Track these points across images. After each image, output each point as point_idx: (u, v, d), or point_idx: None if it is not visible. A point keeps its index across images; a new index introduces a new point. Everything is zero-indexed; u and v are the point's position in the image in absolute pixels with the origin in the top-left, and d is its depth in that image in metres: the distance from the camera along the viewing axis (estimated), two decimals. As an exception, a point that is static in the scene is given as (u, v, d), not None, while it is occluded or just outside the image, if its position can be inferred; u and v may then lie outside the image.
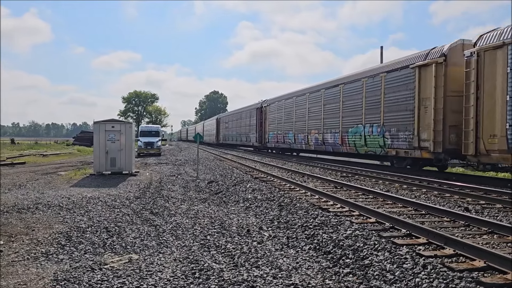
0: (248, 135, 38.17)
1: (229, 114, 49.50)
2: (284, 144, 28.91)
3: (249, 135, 37.48)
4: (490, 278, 4.17)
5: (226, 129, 50.03)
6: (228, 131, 49.11)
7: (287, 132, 27.84)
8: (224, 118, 53.48)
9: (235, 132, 44.35)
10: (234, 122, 44.49)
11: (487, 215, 7.60)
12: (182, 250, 5.92)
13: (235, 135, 44.34)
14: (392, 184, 12.28)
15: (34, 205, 9.34)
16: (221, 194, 11.59)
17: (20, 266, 5.19)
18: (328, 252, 5.63)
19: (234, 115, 45.51)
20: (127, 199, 10.36)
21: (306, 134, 24.57)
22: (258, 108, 34.87)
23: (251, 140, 36.91)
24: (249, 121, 37.42)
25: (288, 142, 27.77)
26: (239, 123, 42.08)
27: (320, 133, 22.58)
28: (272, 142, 31.45)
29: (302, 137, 25.12)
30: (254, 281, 4.57)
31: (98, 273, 4.80)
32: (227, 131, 49.63)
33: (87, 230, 7.03)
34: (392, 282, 4.35)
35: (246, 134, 38.84)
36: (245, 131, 39.20)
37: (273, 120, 31.11)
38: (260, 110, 34.42)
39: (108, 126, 16.25)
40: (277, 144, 30.45)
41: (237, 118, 43.32)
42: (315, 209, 8.12)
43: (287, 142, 27.89)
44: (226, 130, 50.06)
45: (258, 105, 35.15)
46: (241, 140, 41.31)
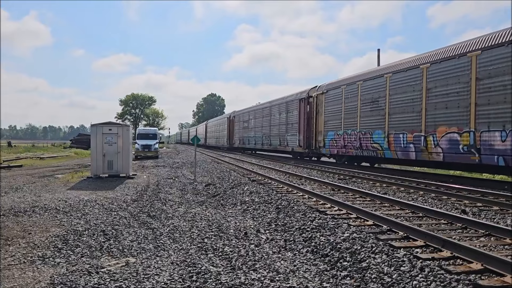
0: (283, 137, 28.10)
1: (250, 110, 37.95)
2: (363, 151, 18.01)
3: (286, 137, 27.57)
4: (487, 281, 4.17)
5: (245, 129, 39.05)
6: (248, 132, 38.11)
7: (370, 130, 17.64)
8: (242, 115, 40.97)
9: (259, 133, 33.99)
10: (259, 119, 34.48)
11: (484, 218, 7.61)
12: (179, 253, 5.91)
13: (260, 136, 33.92)
14: (389, 186, 12.29)
15: (31, 208, 9.30)
16: (218, 196, 11.57)
17: (16, 269, 5.16)
18: (325, 255, 5.62)
19: (258, 111, 34.97)
20: (124, 202, 10.33)
21: (422, 133, 14.37)
22: (304, 98, 24.81)
23: (290, 144, 27.03)
24: (286, 118, 27.75)
25: (373, 147, 17.31)
26: (266, 121, 32.36)
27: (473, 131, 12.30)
28: (332, 147, 20.89)
29: (411, 139, 14.97)
30: (251, 284, 4.56)
31: (95, 277, 4.78)
32: (247, 132, 38.52)
33: (84, 233, 7.00)
34: (390, 285, 4.35)
35: (280, 135, 28.86)
36: (278, 131, 29.29)
37: (335, 113, 20.69)
38: (305, 101, 24.51)
39: (105, 128, 16.21)
40: (344, 149, 19.64)
41: (263, 114, 33.33)
42: (313, 211, 8.12)
43: (372, 148, 17.39)
44: (245, 130, 39.04)
45: (303, 94, 25.03)
46: (271, 143, 30.90)
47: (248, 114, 38.40)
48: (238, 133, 42.04)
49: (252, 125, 36.78)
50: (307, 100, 24.46)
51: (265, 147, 32.74)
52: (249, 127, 37.81)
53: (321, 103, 22.32)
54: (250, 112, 37.71)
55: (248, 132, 38.06)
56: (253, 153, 38.31)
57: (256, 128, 35.29)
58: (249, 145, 37.36)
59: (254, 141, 35.72)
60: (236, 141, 42.78)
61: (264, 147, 32.89)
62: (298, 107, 25.67)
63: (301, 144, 25.10)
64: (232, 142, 44.64)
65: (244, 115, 39.72)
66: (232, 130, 44.97)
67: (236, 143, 42.63)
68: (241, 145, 40.25)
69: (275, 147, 30.31)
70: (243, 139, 39.78)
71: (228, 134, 46.37)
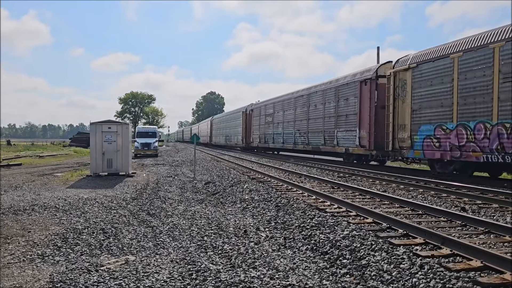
0: (331, 133, 21.14)
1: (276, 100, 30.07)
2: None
3: (336, 134, 20.49)
4: (487, 278, 4.17)
5: (268, 124, 31.47)
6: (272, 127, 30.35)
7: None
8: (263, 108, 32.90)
9: (290, 128, 26.65)
10: (289, 112, 26.95)
11: (484, 215, 7.61)
12: (179, 251, 5.91)
13: (290, 133, 26.54)
14: (389, 184, 12.29)
15: (30, 206, 9.30)
16: (218, 195, 11.57)
17: (16, 268, 5.15)
18: (325, 253, 5.62)
19: (289, 102, 27.25)
20: (123, 200, 10.33)
21: None
22: (368, 80, 17.70)
23: (342, 143, 20.00)
24: (336, 108, 20.59)
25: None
26: (302, 114, 24.90)
27: None
28: (430, 148, 13.99)
29: None
30: (251, 282, 4.55)
31: (95, 275, 4.78)
32: (270, 127, 30.77)
33: (84, 231, 6.99)
34: (389, 283, 4.35)
35: (326, 131, 21.63)
36: (322, 126, 22.11)
37: (435, 96, 13.71)
38: (372, 83, 17.44)
39: (104, 127, 16.20)
40: (458, 152, 12.78)
41: (296, 105, 25.87)
42: (312, 209, 8.12)
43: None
44: (268, 126, 31.48)
45: (367, 74, 17.88)
46: (309, 142, 23.78)
47: (272, 106, 30.73)
48: (259, 129, 34.16)
49: (279, 119, 29.08)
50: (374, 82, 17.21)
51: (299, 146, 25.30)
52: (274, 122, 30.14)
53: (405, 83, 15.16)
54: (277, 103, 29.88)
55: (273, 128, 30.43)
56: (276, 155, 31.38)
57: (287, 123, 27.42)
58: (274, 144, 30.01)
59: (281, 139, 28.29)
60: (255, 139, 35.25)
61: (298, 146, 25.37)
62: (357, 92, 18.37)
63: (363, 143, 17.95)
64: (249, 140, 37.34)
65: (268, 107, 32.01)
66: (249, 126, 37.33)
67: (255, 142, 35.18)
68: (263, 144, 32.80)
69: (316, 146, 22.92)
70: (265, 137, 32.22)
71: (244, 131, 38.56)
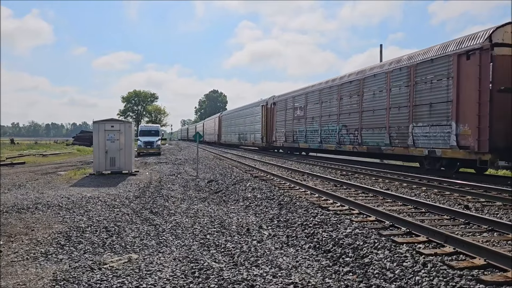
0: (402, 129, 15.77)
1: (310, 90, 24.78)
2: None
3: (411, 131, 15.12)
4: (490, 276, 4.16)
5: (299, 120, 25.86)
6: (305, 123, 24.90)
7: None
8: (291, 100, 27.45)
9: (331, 124, 21.50)
10: (330, 103, 21.84)
11: (487, 213, 7.59)
12: (181, 249, 5.91)
13: (332, 130, 21.39)
14: (392, 182, 12.27)
15: (34, 205, 9.33)
16: (220, 193, 11.58)
17: (19, 266, 5.17)
18: (328, 251, 5.62)
19: (329, 90, 22.01)
20: (126, 199, 10.35)
21: None
22: (473, 51, 12.44)
23: (421, 143, 14.70)
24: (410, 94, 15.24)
25: None
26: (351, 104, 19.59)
27: None
28: None
29: None
30: (253, 280, 4.56)
31: (98, 273, 4.79)
32: (302, 123, 25.27)
33: (87, 230, 7.01)
34: (392, 281, 4.34)
35: (393, 127, 16.27)
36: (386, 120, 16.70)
37: None
38: (479, 55, 12.24)
39: (107, 125, 16.23)
40: None
41: (341, 94, 20.56)
42: (315, 207, 8.11)
43: None
44: (299, 122, 25.90)
45: (475, 43, 12.43)
46: (362, 141, 18.46)
47: (304, 97, 25.15)
48: (284, 126, 28.56)
49: (314, 112, 23.59)
50: (488, 54, 12.08)
51: (346, 147, 19.97)
52: (307, 117, 24.64)
53: None
54: (311, 93, 24.38)
55: (305, 124, 24.80)
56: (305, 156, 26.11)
57: (326, 117, 21.99)
58: (307, 144, 24.60)
59: (318, 137, 22.92)
60: (279, 137, 29.63)
61: (345, 147, 20.11)
62: (452, 70, 13.22)
63: (464, 143, 12.72)
64: (271, 139, 31.42)
65: (297, 99, 26.38)
66: (270, 122, 31.58)
67: (279, 141, 29.53)
68: (290, 143, 27.38)
69: (374, 147, 17.48)
70: (294, 135, 26.61)
71: (264, 128, 32.75)
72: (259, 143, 34.55)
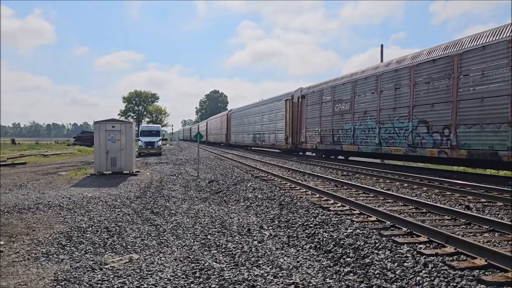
0: None
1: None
2: None
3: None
4: (491, 277, 4.15)
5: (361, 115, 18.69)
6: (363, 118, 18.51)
7: None
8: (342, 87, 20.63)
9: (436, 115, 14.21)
10: (422, 89, 14.89)
11: (488, 213, 7.58)
12: (182, 249, 5.92)
13: (441, 123, 13.94)
14: (393, 182, 12.26)
15: (35, 205, 9.34)
16: (221, 193, 11.58)
17: (20, 266, 5.18)
18: (328, 251, 5.62)
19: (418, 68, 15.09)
20: (127, 199, 10.36)
21: None
22: None
23: None
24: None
25: None
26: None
27: None
28: None
29: None
30: (254, 280, 4.56)
31: (99, 273, 4.80)
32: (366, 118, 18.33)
33: (88, 230, 7.02)
34: (393, 281, 4.34)
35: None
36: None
37: None
38: None
39: (108, 126, 16.25)
40: None
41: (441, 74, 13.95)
42: (316, 208, 8.11)
43: None
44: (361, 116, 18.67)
45: None
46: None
47: (351, 87, 19.58)
48: (320, 123, 22.74)
49: (367, 105, 18.13)
50: None
51: (427, 150, 14.63)
52: (355, 111, 19.06)
53: None
54: (360, 81, 18.84)
55: (352, 120, 19.29)
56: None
57: (391, 111, 16.46)
58: (356, 145, 18.89)
59: (375, 137, 17.44)
60: (311, 137, 23.83)
61: (424, 150, 14.80)
62: None
63: None
64: (298, 139, 25.95)
65: (339, 89, 20.81)
66: (298, 120, 26.10)
67: (312, 141, 23.81)
68: (329, 144, 21.62)
69: (480, 150, 12.45)
70: (335, 135, 21.03)
71: (289, 127, 27.22)
72: (281, 144, 28.87)
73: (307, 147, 24.99)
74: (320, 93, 23.23)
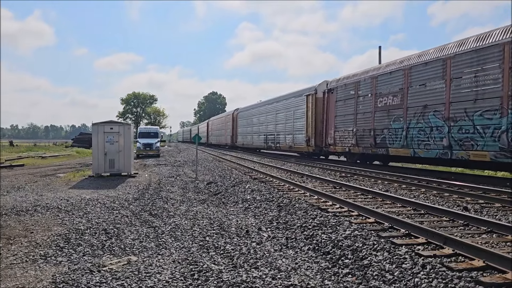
0: None
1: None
2: None
3: None
4: (489, 278, 4.16)
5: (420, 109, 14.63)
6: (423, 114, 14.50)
7: None
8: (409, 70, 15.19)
9: None
10: None
11: (486, 215, 7.60)
12: (181, 251, 5.91)
13: None
14: (391, 183, 12.28)
15: (33, 207, 9.32)
16: (220, 195, 11.57)
17: (18, 268, 5.17)
18: (327, 253, 5.62)
19: None
20: (126, 201, 10.34)
21: None
22: None
23: None
24: None
25: None
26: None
27: None
28: None
29: None
30: (253, 282, 4.56)
31: (97, 275, 4.79)
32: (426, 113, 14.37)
33: (86, 232, 7.01)
34: (391, 282, 4.34)
35: None
36: None
37: None
38: None
39: (106, 127, 16.23)
40: None
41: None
42: (314, 209, 8.11)
43: None
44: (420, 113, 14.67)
45: None
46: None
47: (403, 75, 15.84)
48: (355, 121, 18.87)
49: (430, 98, 14.47)
50: None
51: None
52: (409, 106, 15.45)
53: None
54: (417, 67, 15.16)
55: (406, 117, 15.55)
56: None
57: (468, 105, 12.83)
58: (413, 148, 15.10)
59: (444, 138, 13.74)
60: (343, 139, 19.84)
61: None
62: None
63: None
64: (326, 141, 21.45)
65: (382, 79, 17.14)
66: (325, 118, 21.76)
67: (344, 144, 19.75)
68: (368, 148, 17.86)
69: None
70: (378, 135, 17.20)
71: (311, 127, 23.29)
72: (300, 146, 25.05)
73: (337, 151, 20.73)
74: (355, 85, 19.06)
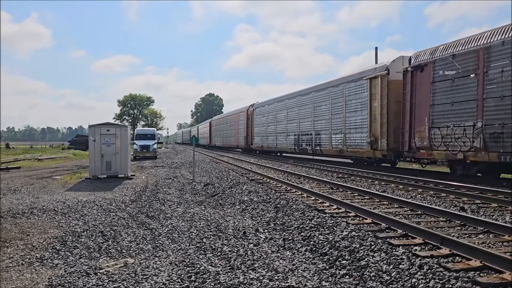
0: None
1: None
2: None
3: None
4: (486, 278, 4.17)
5: None
6: None
7: None
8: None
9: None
10: None
11: (483, 215, 7.62)
12: (178, 253, 5.89)
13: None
14: (388, 184, 12.29)
15: (29, 209, 9.27)
16: (217, 196, 11.56)
17: (14, 271, 5.14)
18: (324, 254, 5.62)
19: None
20: (122, 203, 10.31)
21: None
22: None
23: None
24: None
25: None
26: None
27: None
28: None
29: None
30: (250, 283, 4.54)
31: (93, 278, 4.76)
32: None
33: (82, 234, 6.98)
34: (389, 283, 4.34)
35: None
36: None
37: None
38: None
39: (103, 129, 16.18)
40: None
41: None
42: (311, 210, 8.11)
43: None
44: None
45: None
46: None
47: None
48: (480, 110, 12.12)
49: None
50: None
51: None
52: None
53: None
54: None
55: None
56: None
57: None
58: None
59: None
60: (449, 138, 13.33)
61: None
62: None
63: None
64: (412, 142, 15.03)
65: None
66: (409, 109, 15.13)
67: (455, 147, 13.03)
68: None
69: None
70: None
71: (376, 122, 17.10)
72: (360, 150, 18.56)
73: (434, 157, 14.27)
74: (478, 54, 12.30)
